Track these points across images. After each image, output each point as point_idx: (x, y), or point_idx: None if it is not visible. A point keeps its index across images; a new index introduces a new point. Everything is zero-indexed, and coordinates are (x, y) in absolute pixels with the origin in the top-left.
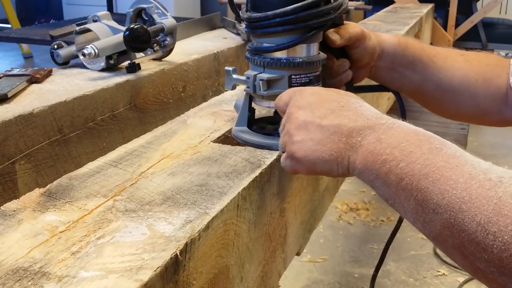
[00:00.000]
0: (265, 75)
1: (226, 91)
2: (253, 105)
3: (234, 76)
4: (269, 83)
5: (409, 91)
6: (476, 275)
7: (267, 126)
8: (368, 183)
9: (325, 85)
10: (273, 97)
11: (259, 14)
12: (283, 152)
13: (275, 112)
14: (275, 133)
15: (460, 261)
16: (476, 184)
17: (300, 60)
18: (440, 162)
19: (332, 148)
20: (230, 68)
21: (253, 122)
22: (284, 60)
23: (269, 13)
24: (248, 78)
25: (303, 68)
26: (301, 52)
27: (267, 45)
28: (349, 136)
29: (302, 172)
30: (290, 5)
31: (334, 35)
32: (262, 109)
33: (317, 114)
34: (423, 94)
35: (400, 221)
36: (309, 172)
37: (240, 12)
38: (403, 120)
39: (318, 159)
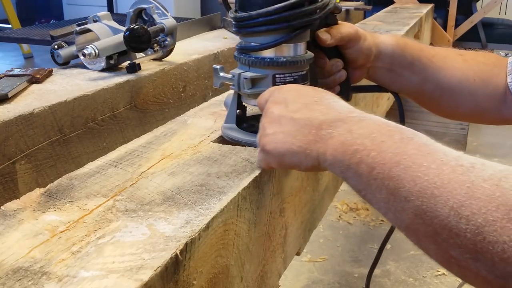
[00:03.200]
0: (248, 74)
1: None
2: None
3: (221, 74)
4: (254, 82)
5: (408, 92)
6: (449, 265)
7: (256, 124)
8: (340, 174)
9: (317, 84)
10: (257, 96)
11: (244, 14)
12: None
13: None
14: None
15: (433, 250)
16: (448, 170)
17: (284, 59)
18: (412, 150)
19: (301, 140)
20: (218, 66)
21: (244, 120)
22: (268, 60)
23: (252, 12)
24: (233, 76)
25: (287, 67)
26: (286, 51)
27: (251, 44)
28: (319, 129)
29: (273, 165)
30: (273, 5)
31: (324, 35)
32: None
33: (291, 108)
34: (422, 95)
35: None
36: (279, 165)
37: (229, 12)
38: (401, 122)
39: (287, 151)
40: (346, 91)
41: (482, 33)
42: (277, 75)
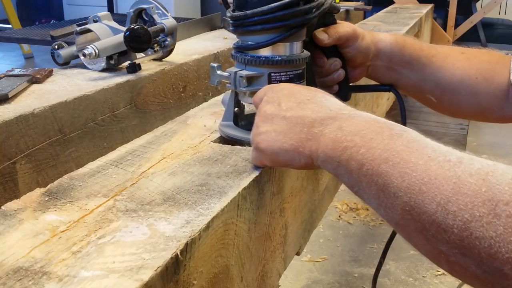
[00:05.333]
0: (244, 72)
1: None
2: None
3: (218, 72)
4: (250, 80)
5: (408, 90)
6: (439, 261)
7: (253, 122)
8: (332, 171)
9: (313, 84)
10: (253, 94)
11: (240, 13)
12: None
13: None
14: None
15: (423, 246)
16: (436, 166)
17: (279, 58)
18: (400, 147)
19: (293, 138)
20: (215, 65)
21: (242, 118)
22: (263, 58)
23: (248, 12)
24: (230, 74)
25: (282, 66)
26: (282, 50)
27: (247, 43)
28: (311, 127)
29: (267, 163)
30: (268, 4)
31: (321, 34)
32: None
33: (283, 107)
34: (421, 93)
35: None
36: (272, 163)
37: (227, 11)
38: (403, 120)
39: (280, 149)
40: (344, 91)
41: (482, 33)
42: (272, 74)
